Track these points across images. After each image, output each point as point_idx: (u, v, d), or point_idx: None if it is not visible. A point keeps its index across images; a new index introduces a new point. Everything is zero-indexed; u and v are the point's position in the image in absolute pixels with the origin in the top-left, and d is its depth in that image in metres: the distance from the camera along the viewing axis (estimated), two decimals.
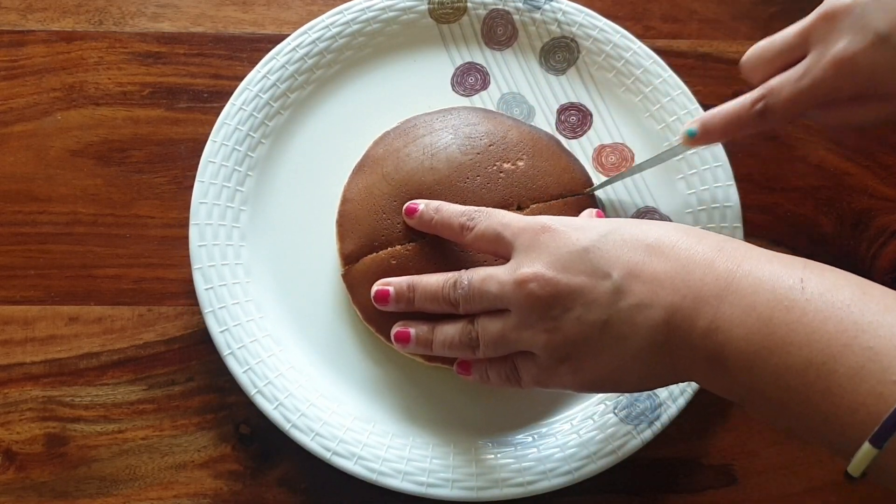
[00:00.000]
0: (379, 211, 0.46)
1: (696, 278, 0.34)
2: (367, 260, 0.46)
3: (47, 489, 0.46)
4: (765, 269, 0.34)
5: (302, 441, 0.44)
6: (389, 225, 0.46)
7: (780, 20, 0.58)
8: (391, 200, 0.46)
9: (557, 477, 0.44)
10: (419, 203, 0.45)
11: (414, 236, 0.46)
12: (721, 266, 0.34)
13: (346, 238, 0.47)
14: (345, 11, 0.53)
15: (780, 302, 0.32)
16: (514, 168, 0.47)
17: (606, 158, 0.52)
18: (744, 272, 0.34)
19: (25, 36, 0.54)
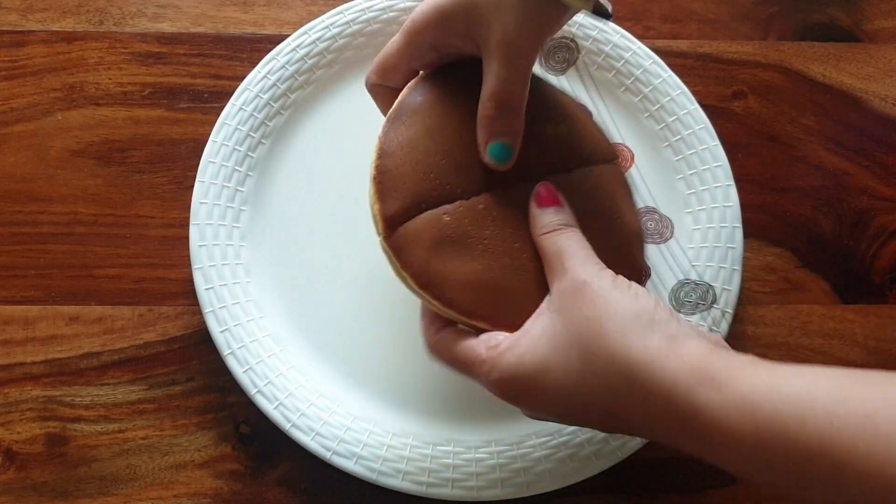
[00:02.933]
0: (426, 170, 0.39)
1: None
2: (420, 220, 0.39)
3: (47, 489, 0.46)
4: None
5: (302, 441, 0.44)
6: (439, 185, 0.39)
7: (779, 20, 0.58)
8: (439, 159, 0.40)
9: (557, 477, 0.44)
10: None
11: (465, 195, 0.39)
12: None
13: (388, 198, 0.39)
14: (345, 11, 0.53)
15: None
16: (558, 132, 0.42)
17: None
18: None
19: (26, 36, 0.54)
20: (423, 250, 0.38)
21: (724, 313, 0.48)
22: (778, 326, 0.51)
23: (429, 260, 0.38)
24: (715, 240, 0.50)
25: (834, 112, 0.56)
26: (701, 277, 0.50)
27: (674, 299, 0.49)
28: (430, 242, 0.38)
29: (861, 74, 0.57)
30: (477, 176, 0.40)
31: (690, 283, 0.50)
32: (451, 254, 0.38)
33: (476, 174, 0.40)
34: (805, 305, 0.52)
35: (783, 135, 0.55)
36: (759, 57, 0.57)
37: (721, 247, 0.50)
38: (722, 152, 0.51)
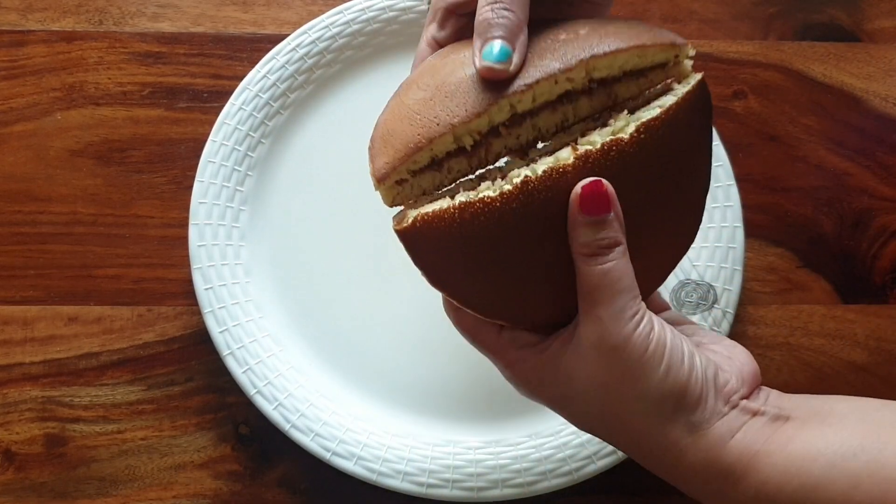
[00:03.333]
0: (412, 114, 0.34)
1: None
2: (436, 210, 0.33)
3: (47, 489, 0.46)
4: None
5: (301, 441, 0.44)
6: (425, 122, 0.33)
7: (779, 20, 0.58)
8: (426, 101, 0.34)
9: (557, 477, 0.44)
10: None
11: (457, 120, 0.33)
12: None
13: (377, 157, 0.35)
14: (345, 11, 0.53)
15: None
16: (574, 36, 0.34)
17: None
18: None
19: (25, 36, 0.54)
20: (437, 249, 0.34)
21: (725, 313, 0.48)
22: (779, 326, 0.51)
23: (444, 259, 0.34)
24: (716, 240, 0.50)
25: (834, 112, 0.56)
26: (702, 277, 0.49)
27: (675, 299, 0.49)
28: (446, 239, 0.33)
29: (861, 74, 0.57)
30: (472, 98, 0.33)
31: (691, 283, 0.50)
32: (468, 253, 0.33)
33: (472, 96, 0.33)
34: (806, 305, 0.52)
35: (784, 134, 0.55)
36: (760, 57, 0.57)
37: (722, 247, 0.50)
38: (723, 152, 0.51)
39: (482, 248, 0.33)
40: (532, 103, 0.33)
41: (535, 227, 0.33)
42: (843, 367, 0.50)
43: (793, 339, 0.51)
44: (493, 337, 0.35)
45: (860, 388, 0.50)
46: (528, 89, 0.33)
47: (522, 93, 0.33)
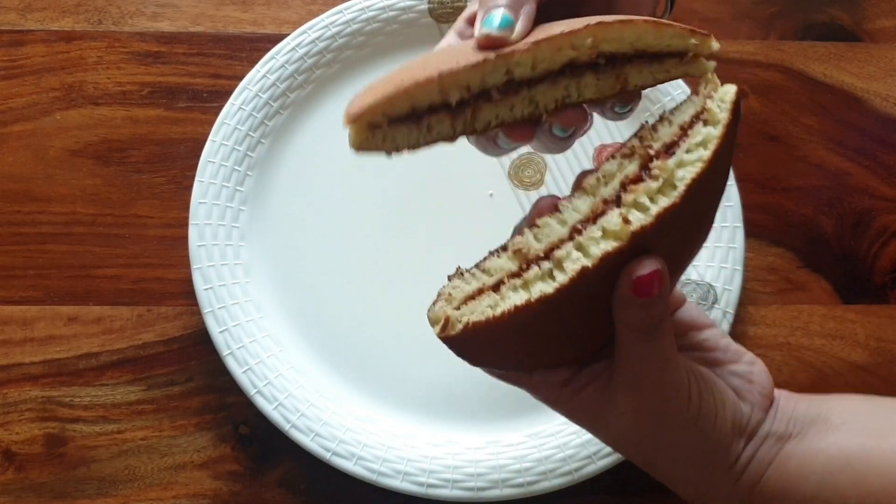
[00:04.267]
0: (402, 68, 0.31)
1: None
2: (486, 321, 0.31)
3: (46, 489, 0.46)
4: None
5: (301, 441, 0.44)
6: (414, 68, 0.30)
7: (780, 20, 0.58)
8: (422, 60, 0.31)
9: (557, 477, 0.44)
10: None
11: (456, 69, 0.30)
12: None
13: (356, 100, 0.30)
14: (344, 11, 0.53)
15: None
16: (589, 20, 0.31)
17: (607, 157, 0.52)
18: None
19: (25, 35, 0.54)
20: (485, 345, 0.32)
21: (726, 313, 0.48)
22: (779, 327, 0.51)
23: (489, 348, 0.32)
24: (716, 240, 0.50)
25: (835, 112, 0.56)
26: (702, 277, 0.49)
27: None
28: (496, 335, 0.31)
29: (862, 74, 0.57)
30: (468, 53, 0.30)
31: (691, 283, 0.49)
32: (516, 339, 0.32)
33: (468, 52, 0.30)
34: (806, 306, 0.52)
35: (784, 134, 0.55)
36: (760, 56, 0.57)
37: (722, 247, 0.50)
38: None
39: (530, 333, 0.31)
40: (531, 70, 0.30)
41: (582, 302, 0.30)
42: (843, 367, 0.50)
43: (793, 340, 0.51)
44: (524, 379, 0.35)
45: (860, 388, 0.50)
46: (527, 51, 0.30)
47: (522, 53, 0.30)
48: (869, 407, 0.36)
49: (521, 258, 0.31)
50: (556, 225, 0.31)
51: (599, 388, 0.33)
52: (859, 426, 0.34)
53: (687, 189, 0.29)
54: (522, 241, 0.31)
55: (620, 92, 0.31)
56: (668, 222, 0.29)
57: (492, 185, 0.51)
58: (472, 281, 0.32)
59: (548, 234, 0.31)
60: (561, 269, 0.30)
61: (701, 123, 0.31)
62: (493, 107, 0.31)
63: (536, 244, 0.31)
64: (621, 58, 0.31)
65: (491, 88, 0.30)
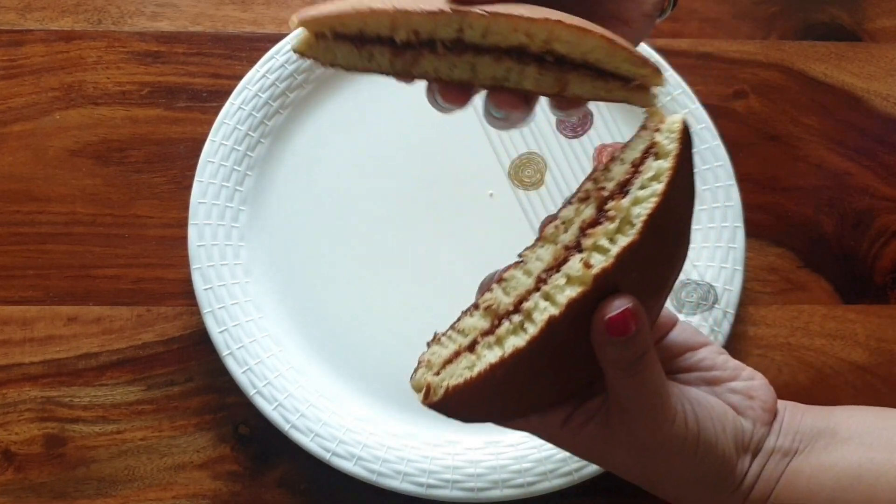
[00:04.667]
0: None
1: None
2: (465, 383, 0.32)
3: (46, 490, 0.46)
4: None
5: (301, 442, 0.44)
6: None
7: (780, 19, 0.58)
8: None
9: (557, 478, 0.44)
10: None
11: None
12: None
13: (314, 6, 0.31)
14: None
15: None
16: (560, 13, 0.31)
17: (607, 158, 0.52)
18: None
19: (24, 35, 0.54)
20: (468, 403, 0.33)
21: (726, 313, 0.48)
22: (779, 327, 0.51)
23: (473, 406, 0.33)
24: (716, 239, 0.50)
25: (835, 111, 0.56)
26: (702, 277, 0.49)
27: (675, 299, 0.49)
28: (478, 393, 0.32)
29: (862, 74, 0.57)
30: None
31: (692, 283, 0.49)
32: (498, 393, 0.32)
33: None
34: (806, 306, 0.51)
35: (784, 134, 0.55)
36: (761, 56, 0.57)
37: (722, 247, 0.50)
38: (723, 151, 0.51)
39: (511, 385, 0.31)
40: (482, 38, 0.30)
41: (557, 348, 0.31)
42: (843, 367, 0.50)
43: (793, 340, 0.51)
44: (522, 423, 0.35)
45: (861, 388, 0.50)
46: (482, 17, 0.30)
47: (476, 18, 0.30)
48: (876, 419, 0.36)
49: (492, 315, 0.32)
50: (521, 277, 0.32)
51: (599, 424, 0.33)
52: (868, 440, 0.34)
53: (644, 225, 0.29)
54: (492, 297, 0.32)
55: (558, 94, 0.32)
56: (630, 259, 0.29)
57: (492, 185, 0.51)
58: (449, 344, 0.33)
59: (515, 287, 0.32)
60: (531, 321, 0.30)
61: (652, 158, 0.31)
62: (435, 59, 0.31)
63: (505, 298, 0.32)
64: (569, 62, 0.31)
65: (438, 41, 0.31)
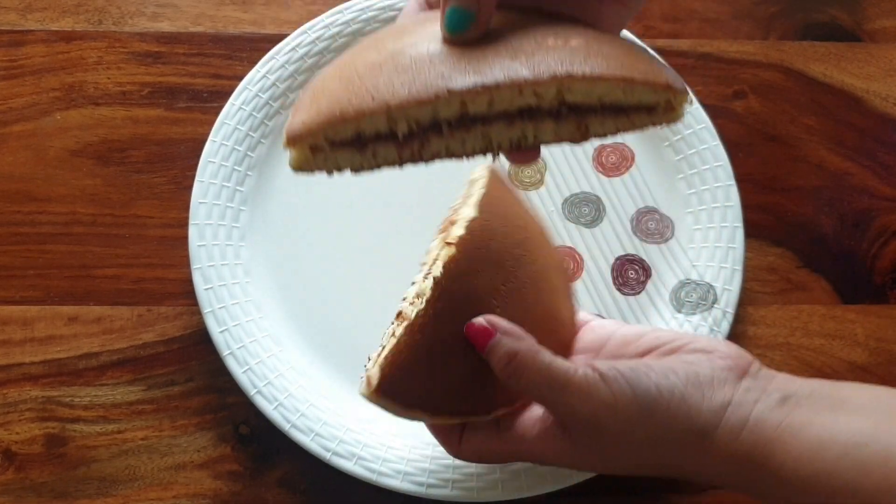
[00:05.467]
0: (353, 76, 0.29)
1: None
2: (392, 351, 0.36)
3: (47, 489, 0.46)
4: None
5: (301, 441, 0.44)
6: (362, 90, 0.28)
7: (780, 19, 0.58)
8: (374, 66, 0.29)
9: (557, 478, 0.44)
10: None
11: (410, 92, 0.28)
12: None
13: (298, 112, 0.30)
14: (345, 11, 0.53)
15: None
16: (562, 44, 0.29)
17: (607, 158, 0.52)
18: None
19: (25, 36, 0.54)
20: (406, 379, 0.36)
21: (725, 313, 0.48)
22: (779, 327, 0.51)
23: (414, 383, 0.36)
24: (716, 240, 0.50)
25: (835, 112, 0.56)
26: (702, 277, 0.49)
27: (674, 299, 0.49)
28: (409, 365, 0.36)
29: (862, 74, 0.57)
30: (422, 79, 0.28)
31: (691, 283, 0.49)
32: (428, 361, 0.36)
33: (422, 77, 0.28)
34: (806, 306, 0.52)
35: (784, 134, 0.55)
36: (760, 56, 0.57)
37: (722, 247, 0.50)
38: (723, 152, 0.51)
39: (436, 353, 0.35)
40: (488, 108, 0.29)
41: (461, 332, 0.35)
42: (843, 367, 0.50)
43: (793, 340, 0.51)
44: (497, 439, 0.37)
45: None
46: (484, 91, 0.28)
47: (477, 93, 0.28)
48: (890, 395, 0.34)
49: (401, 318, 0.37)
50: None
51: (541, 431, 0.36)
52: (883, 409, 0.33)
53: (461, 240, 0.36)
54: (400, 307, 0.38)
55: (580, 140, 0.31)
56: (457, 269, 0.36)
57: None
58: (378, 349, 0.37)
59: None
60: (423, 295, 0.36)
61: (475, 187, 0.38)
62: (444, 140, 0.29)
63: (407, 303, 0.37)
64: (586, 108, 0.29)
65: (443, 121, 0.29)
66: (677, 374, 0.34)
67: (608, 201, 0.51)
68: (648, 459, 0.34)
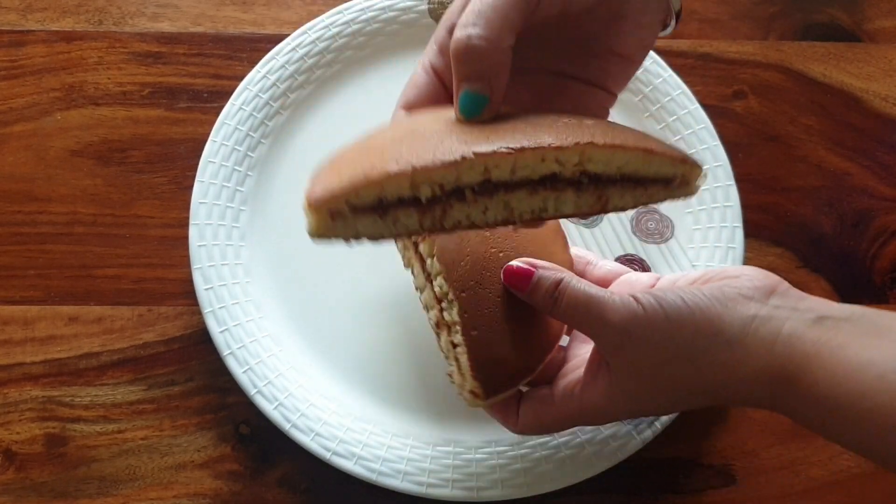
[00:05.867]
0: (372, 148, 0.30)
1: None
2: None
3: (47, 489, 0.46)
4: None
5: (302, 441, 0.44)
6: (384, 156, 0.29)
7: (780, 20, 0.58)
8: (394, 140, 0.30)
9: (557, 478, 0.44)
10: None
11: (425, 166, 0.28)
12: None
13: (317, 180, 0.30)
14: (344, 11, 0.53)
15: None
16: (578, 122, 0.31)
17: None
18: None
19: (25, 36, 0.54)
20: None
21: None
22: None
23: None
24: (715, 240, 0.50)
25: (834, 112, 0.56)
26: None
27: None
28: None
29: (862, 74, 0.57)
30: (445, 144, 0.29)
31: None
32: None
33: (445, 143, 0.29)
34: None
35: (784, 134, 0.55)
36: (760, 57, 0.57)
37: (722, 247, 0.50)
38: (722, 152, 0.51)
39: (495, 331, 0.39)
40: (510, 174, 0.29)
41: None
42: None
43: None
44: (549, 406, 0.39)
45: None
46: (508, 155, 0.28)
47: (502, 156, 0.28)
48: None
49: (440, 327, 0.41)
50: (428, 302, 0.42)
51: (592, 373, 0.37)
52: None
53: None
54: (428, 318, 0.42)
55: (599, 212, 0.31)
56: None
57: None
58: (449, 367, 0.40)
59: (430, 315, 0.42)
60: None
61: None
62: (466, 207, 0.29)
63: (432, 313, 0.41)
64: (605, 178, 0.30)
65: (466, 187, 0.29)
66: (704, 293, 0.34)
67: None
68: (681, 382, 0.34)
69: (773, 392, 0.33)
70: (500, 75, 0.30)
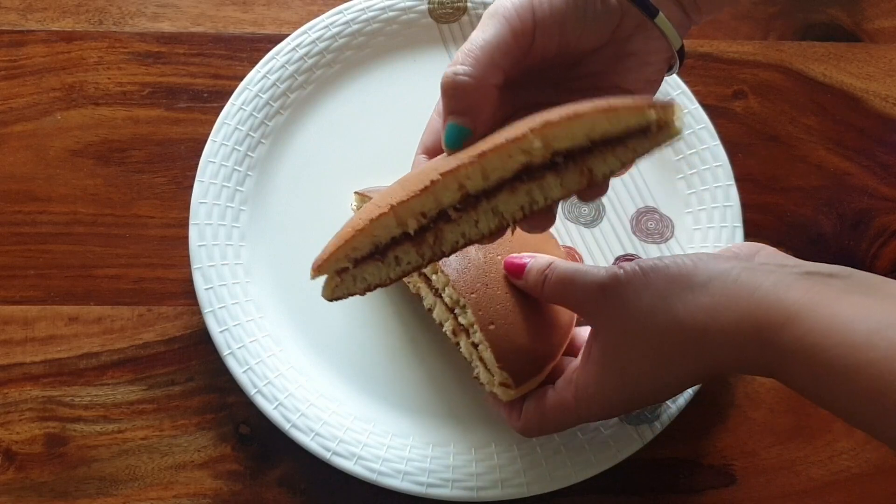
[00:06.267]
0: (375, 203, 0.32)
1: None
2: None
3: (47, 489, 0.46)
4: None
5: (302, 441, 0.44)
6: (369, 208, 0.31)
7: (780, 20, 0.58)
8: (381, 195, 0.32)
9: (557, 478, 0.44)
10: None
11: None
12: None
13: (321, 253, 0.33)
14: (344, 11, 0.53)
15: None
16: (539, 114, 0.31)
17: None
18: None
19: (25, 36, 0.54)
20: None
21: None
22: None
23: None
24: (715, 240, 0.50)
25: (834, 112, 0.56)
26: None
27: None
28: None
29: (861, 74, 0.57)
30: (419, 178, 0.31)
31: None
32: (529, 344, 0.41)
33: (420, 177, 0.31)
34: None
35: (784, 134, 0.55)
36: (760, 57, 0.57)
37: (722, 247, 0.50)
38: (722, 152, 0.51)
39: (511, 323, 0.41)
40: (485, 181, 0.30)
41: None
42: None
43: None
44: (554, 401, 0.40)
45: None
46: (472, 164, 0.29)
47: (467, 167, 0.29)
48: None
49: (459, 332, 0.42)
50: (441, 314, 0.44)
51: (589, 353, 0.38)
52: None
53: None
54: (446, 328, 0.44)
55: (589, 185, 0.30)
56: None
57: None
58: (476, 370, 0.42)
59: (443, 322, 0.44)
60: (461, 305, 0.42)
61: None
62: (456, 226, 0.30)
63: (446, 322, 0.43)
64: (580, 150, 0.29)
65: (448, 208, 0.30)
66: (684, 255, 0.35)
67: (608, 201, 0.51)
68: (665, 336, 0.34)
69: (761, 343, 0.31)
70: (484, 110, 0.32)
